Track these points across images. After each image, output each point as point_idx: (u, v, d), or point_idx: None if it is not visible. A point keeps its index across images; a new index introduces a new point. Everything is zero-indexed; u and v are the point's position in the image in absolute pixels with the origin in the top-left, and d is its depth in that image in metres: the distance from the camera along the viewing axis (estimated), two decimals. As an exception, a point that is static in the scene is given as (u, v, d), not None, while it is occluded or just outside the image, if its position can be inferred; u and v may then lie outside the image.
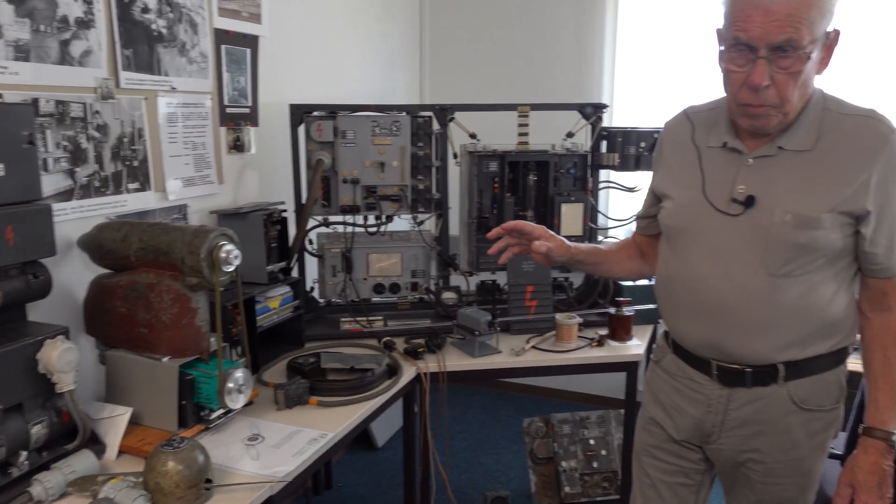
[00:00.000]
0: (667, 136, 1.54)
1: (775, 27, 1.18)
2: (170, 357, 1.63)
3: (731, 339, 1.38)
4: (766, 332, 1.35)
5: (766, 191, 1.32)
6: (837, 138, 1.30)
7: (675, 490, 1.56)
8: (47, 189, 1.70)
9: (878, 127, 1.29)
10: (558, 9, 3.50)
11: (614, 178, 3.10)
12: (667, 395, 1.54)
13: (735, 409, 1.42)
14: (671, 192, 1.48)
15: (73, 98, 1.78)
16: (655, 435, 1.58)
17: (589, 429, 2.94)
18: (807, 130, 1.31)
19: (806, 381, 1.38)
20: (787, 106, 1.27)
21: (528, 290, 2.40)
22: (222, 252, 1.57)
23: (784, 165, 1.32)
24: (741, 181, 1.35)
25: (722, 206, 1.36)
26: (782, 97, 1.25)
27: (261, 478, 1.46)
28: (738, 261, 1.34)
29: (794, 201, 1.30)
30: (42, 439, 1.44)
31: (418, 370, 2.09)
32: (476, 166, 2.44)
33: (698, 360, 1.45)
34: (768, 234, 1.31)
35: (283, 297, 2.19)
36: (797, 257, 1.31)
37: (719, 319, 1.38)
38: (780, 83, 1.23)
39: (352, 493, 3.04)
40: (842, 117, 1.31)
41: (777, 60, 1.21)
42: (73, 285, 1.81)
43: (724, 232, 1.36)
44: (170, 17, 2.07)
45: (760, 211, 1.32)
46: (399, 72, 3.58)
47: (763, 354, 1.37)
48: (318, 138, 2.34)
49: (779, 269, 1.32)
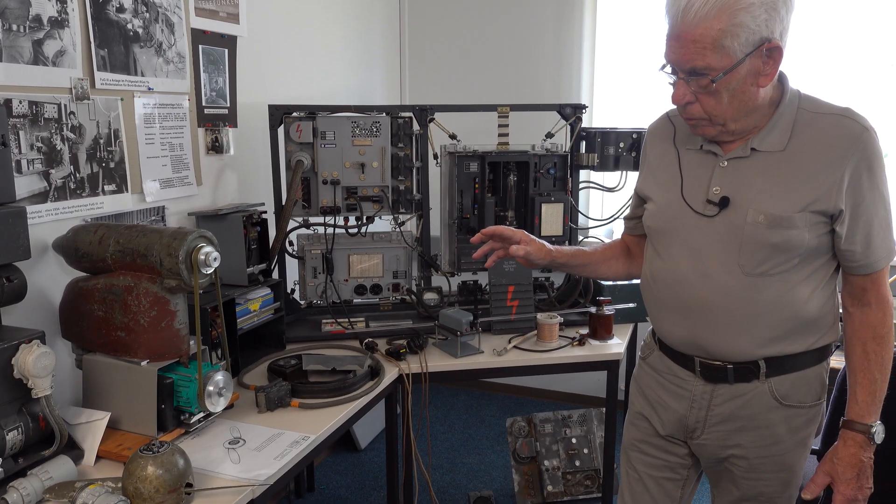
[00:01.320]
0: (650, 138, 1.57)
1: (683, 54, 1.27)
2: (148, 360, 1.61)
3: (712, 337, 1.40)
4: (745, 330, 1.37)
5: (739, 192, 1.35)
6: (811, 138, 1.32)
7: (662, 484, 1.59)
8: (21, 191, 1.68)
9: (851, 126, 1.30)
10: (538, 10, 3.52)
11: (594, 178, 3.14)
12: (653, 390, 1.56)
13: (718, 404, 1.44)
14: (653, 194, 1.50)
15: (47, 99, 1.75)
16: (642, 430, 1.60)
17: (571, 428, 2.96)
18: (780, 131, 1.33)
19: (787, 377, 1.40)
20: (720, 119, 1.31)
21: (510, 290, 2.41)
22: (201, 254, 1.55)
23: (757, 166, 1.34)
24: (716, 182, 1.37)
25: (698, 207, 1.39)
26: (709, 112, 1.31)
27: (242, 481, 1.45)
28: (715, 261, 1.37)
29: (766, 202, 1.32)
30: (18, 445, 1.42)
31: (400, 371, 2.09)
32: (456, 167, 2.44)
33: (682, 357, 1.48)
34: (742, 234, 1.33)
35: (264, 298, 2.17)
36: (771, 257, 1.33)
37: (700, 318, 1.40)
38: (702, 100, 1.30)
39: (334, 495, 3.03)
40: (816, 116, 1.33)
41: (693, 81, 1.29)
42: (48, 289, 1.78)
43: (701, 232, 1.38)
44: (146, 17, 2.05)
45: (734, 211, 1.34)
46: (379, 72, 3.58)
47: (743, 351, 1.39)
48: (298, 139, 2.33)
49: (754, 268, 1.34)
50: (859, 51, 2.97)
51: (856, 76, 2.99)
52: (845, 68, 2.99)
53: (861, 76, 2.99)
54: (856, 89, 2.98)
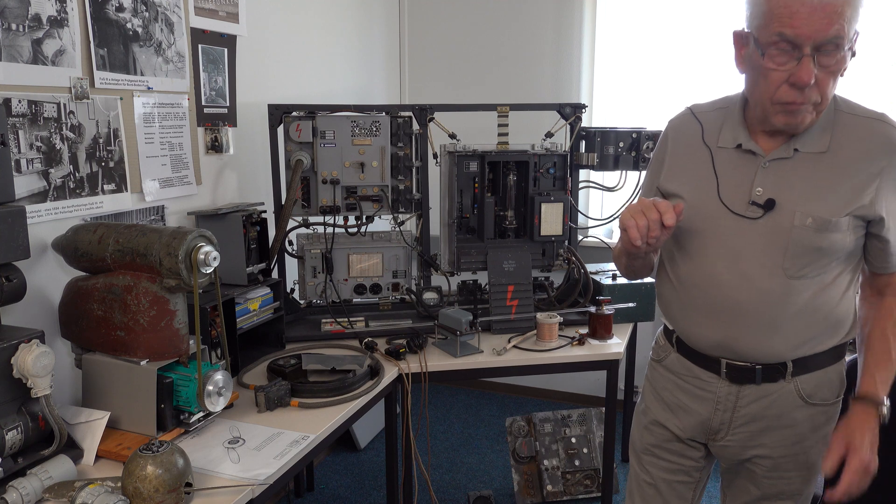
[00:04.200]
0: (673, 134, 1.50)
1: (823, 23, 1.16)
2: (148, 360, 1.61)
3: (744, 339, 1.39)
4: (778, 331, 1.37)
5: (783, 193, 1.32)
6: (849, 141, 1.31)
7: (675, 487, 1.58)
8: (20, 191, 1.68)
9: (889, 131, 1.30)
10: (537, 9, 3.52)
11: (593, 177, 3.14)
12: (671, 393, 1.54)
13: (744, 405, 1.44)
14: (682, 193, 1.43)
15: (46, 98, 1.75)
16: (658, 435, 1.58)
17: (571, 427, 2.96)
18: (821, 132, 1.31)
19: (812, 375, 1.41)
20: (822, 104, 1.26)
21: (509, 289, 2.41)
22: (200, 253, 1.55)
23: (800, 167, 1.32)
24: (759, 183, 1.34)
25: (738, 208, 1.35)
26: (822, 95, 1.24)
27: (242, 481, 1.45)
28: (756, 263, 1.34)
29: (813, 204, 1.30)
30: (17, 445, 1.42)
31: (400, 371, 2.09)
32: (456, 166, 2.44)
33: (706, 359, 1.46)
34: (788, 237, 1.31)
35: (263, 298, 2.17)
36: (816, 260, 1.32)
37: (733, 320, 1.38)
38: (820, 81, 1.22)
39: (334, 495, 3.03)
40: (853, 118, 1.32)
41: (820, 58, 1.19)
42: (48, 288, 1.78)
43: (741, 234, 1.35)
44: (145, 17, 2.05)
45: (780, 214, 1.32)
46: (378, 72, 3.58)
47: (774, 353, 1.39)
48: (298, 138, 2.33)
49: (797, 271, 1.33)
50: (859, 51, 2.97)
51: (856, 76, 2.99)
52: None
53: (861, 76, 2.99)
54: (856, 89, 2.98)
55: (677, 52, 3.22)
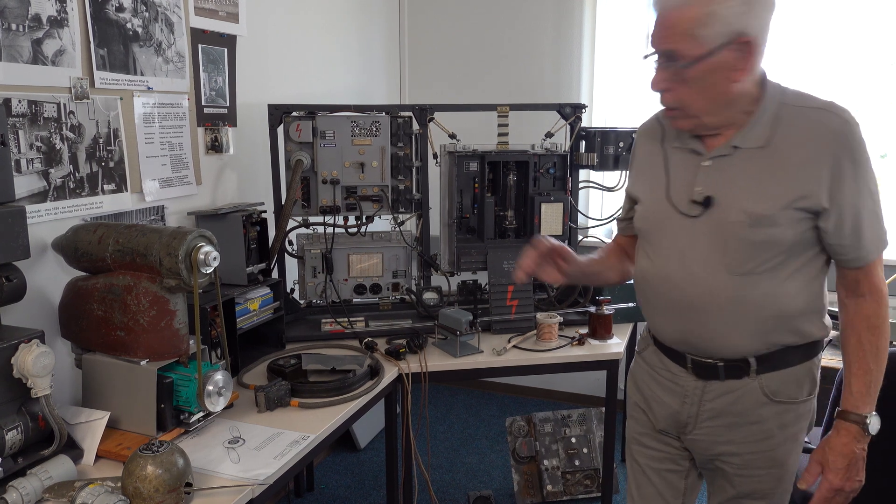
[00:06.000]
0: (639, 139, 1.58)
1: (660, 38, 1.30)
2: (148, 360, 1.61)
3: (701, 336, 1.41)
4: (733, 328, 1.38)
5: (722, 191, 1.35)
6: (793, 133, 1.31)
7: (664, 476, 1.60)
8: (20, 191, 1.68)
9: (833, 120, 1.29)
10: (537, 9, 3.52)
11: (593, 177, 3.14)
12: (647, 385, 1.58)
13: (709, 400, 1.45)
14: (640, 195, 1.52)
15: (46, 98, 1.75)
16: (641, 423, 1.61)
17: (570, 427, 2.96)
18: (761, 127, 1.33)
19: (777, 374, 1.40)
20: (692, 110, 1.33)
21: (509, 289, 2.41)
22: (200, 254, 1.55)
23: (739, 164, 1.35)
24: (699, 182, 1.38)
25: (683, 207, 1.40)
26: (682, 102, 1.33)
27: (242, 481, 1.45)
28: (701, 261, 1.37)
29: (749, 200, 1.32)
30: (17, 445, 1.42)
31: (400, 371, 2.09)
32: (456, 166, 2.44)
33: (675, 353, 1.49)
34: (726, 233, 1.34)
35: (263, 298, 2.17)
36: (756, 255, 1.33)
37: (688, 317, 1.41)
38: (676, 89, 1.32)
39: (334, 495, 3.03)
40: (798, 111, 1.33)
41: (670, 68, 1.30)
42: (47, 288, 1.78)
43: (686, 233, 1.39)
44: (145, 17, 2.05)
45: (718, 211, 1.35)
46: (378, 72, 3.58)
47: (732, 349, 1.40)
48: (298, 138, 2.33)
49: (739, 267, 1.34)
50: (859, 51, 2.98)
51: (855, 76, 2.99)
52: (845, 68, 2.99)
53: (860, 76, 2.99)
54: (855, 89, 2.98)
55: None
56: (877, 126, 3.01)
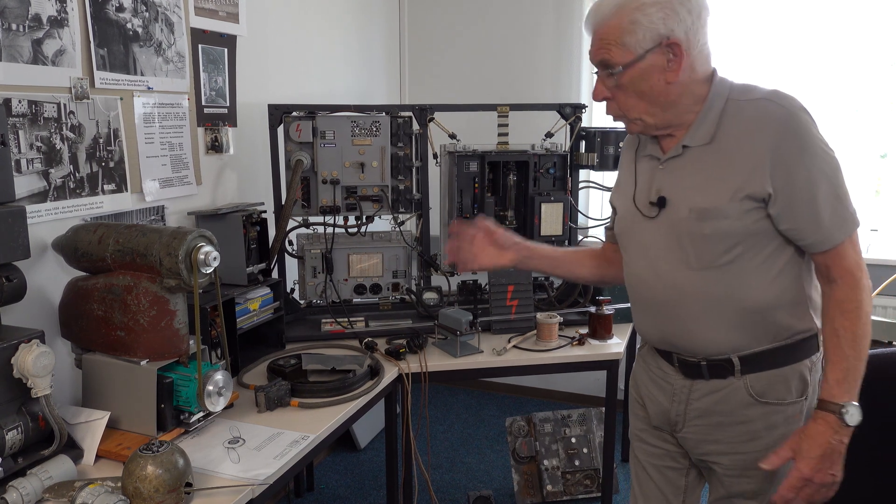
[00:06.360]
0: (622, 150, 1.63)
1: (594, 51, 1.37)
2: (148, 360, 1.61)
3: (678, 334, 1.44)
4: (705, 324, 1.39)
5: (674, 190, 1.39)
6: (736, 126, 1.33)
7: (665, 473, 1.60)
8: (21, 191, 1.68)
9: (773, 108, 1.30)
10: (537, 9, 3.52)
11: (593, 177, 3.14)
12: (643, 382, 1.60)
13: (696, 399, 1.46)
14: (615, 203, 1.59)
15: (46, 98, 1.75)
16: (641, 419, 1.63)
17: (570, 427, 2.96)
18: (707, 125, 1.36)
19: (764, 374, 1.39)
20: (634, 114, 1.39)
21: (509, 289, 2.41)
22: (200, 254, 1.55)
23: (688, 163, 1.38)
24: (657, 184, 1.43)
25: (645, 209, 1.45)
26: (623, 108, 1.40)
27: (242, 481, 1.45)
28: (663, 259, 1.42)
29: (695, 196, 1.35)
30: (17, 445, 1.42)
31: (400, 371, 2.09)
32: (456, 166, 2.44)
33: (664, 352, 1.51)
34: (679, 230, 1.38)
35: (263, 298, 2.17)
36: (710, 248, 1.34)
37: (662, 316, 1.45)
38: (616, 97, 1.39)
39: (334, 495, 3.03)
40: (743, 104, 1.34)
41: (607, 77, 1.37)
42: (48, 288, 1.78)
43: (649, 234, 1.44)
44: (145, 17, 2.05)
45: (671, 210, 1.39)
46: (378, 72, 3.58)
47: (711, 346, 1.40)
48: (298, 138, 2.33)
49: (696, 262, 1.36)
50: (859, 51, 2.98)
51: (855, 76, 2.99)
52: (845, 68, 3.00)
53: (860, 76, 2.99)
54: (855, 89, 2.98)
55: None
56: (877, 126, 3.01)
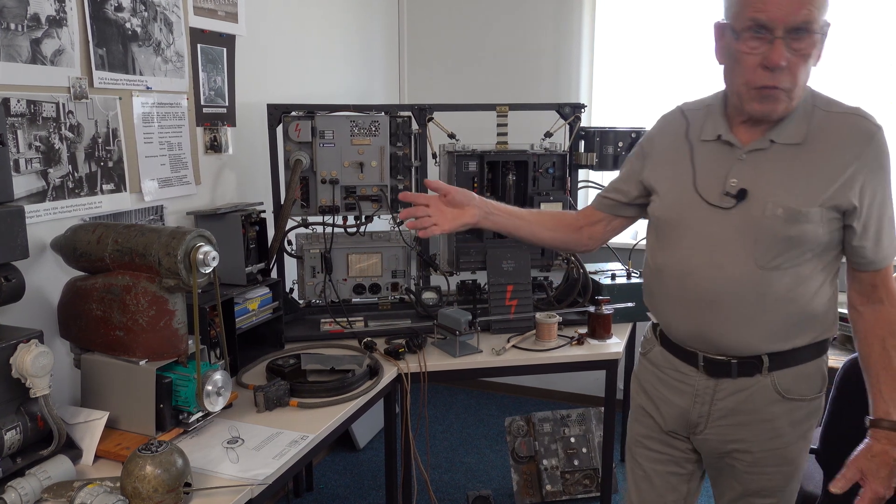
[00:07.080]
0: (660, 129, 1.56)
1: (793, 7, 1.22)
2: (147, 360, 1.61)
3: (719, 331, 1.40)
4: (753, 323, 1.38)
5: (757, 184, 1.35)
6: (826, 134, 1.33)
7: (668, 479, 1.59)
8: (19, 190, 1.67)
9: (864, 124, 1.32)
10: (537, 9, 3.52)
11: (592, 177, 3.14)
12: (653, 386, 1.57)
13: (721, 399, 1.45)
14: (659, 187, 1.50)
15: (45, 98, 1.75)
16: (646, 425, 1.60)
17: (570, 427, 2.96)
18: (797, 124, 1.34)
19: (789, 371, 1.41)
20: (796, 90, 1.30)
21: (509, 289, 2.41)
22: (199, 253, 1.55)
23: (775, 159, 1.35)
24: (734, 175, 1.37)
25: (713, 199, 1.39)
26: (793, 79, 1.28)
27: (241, 481, 1.45)
28: (729, 253, 1.37)
29: (784, 195, 1.32)
30: (16, 445, 1.41)
31: (399, 370, 2.09)
32: (455, 166, 2.44)
33: (685, 352, 1.48)
34: (759, 227, 1.34)
35: (262, 298, 2.17)
36: (786, 251, 1.33)
37: (708, 311, 1.40)
38: (792, 65, 1.26)
39: (333, 494, 3.03)
40: (829, 114, 1.35)
41: (791, 42, 1.24)
42: (46, 288, 1.78)
43: (716, 225, 1.38)
44: (144, 16, 2.05)
45: (752, 204, 1.35)
46: (378, 72, 3.58)
47: (749, 345, 1.40)
48: (297, 138, 2.33)
49: (768, 262, 1.34)
50: (859, 51, 2.97)
51: (855, 76, 2.99)
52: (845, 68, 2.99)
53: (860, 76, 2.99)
54: (855, 89, 2.98)
55: (677, 52, 3.22)
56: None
